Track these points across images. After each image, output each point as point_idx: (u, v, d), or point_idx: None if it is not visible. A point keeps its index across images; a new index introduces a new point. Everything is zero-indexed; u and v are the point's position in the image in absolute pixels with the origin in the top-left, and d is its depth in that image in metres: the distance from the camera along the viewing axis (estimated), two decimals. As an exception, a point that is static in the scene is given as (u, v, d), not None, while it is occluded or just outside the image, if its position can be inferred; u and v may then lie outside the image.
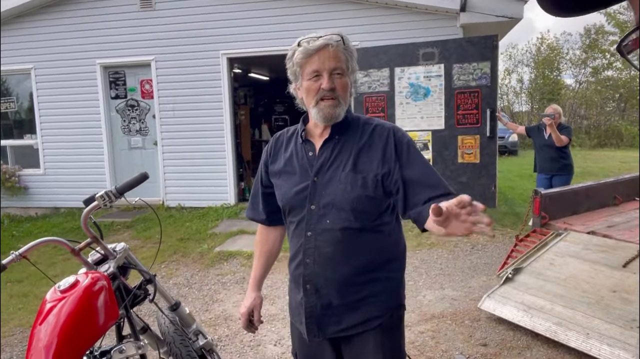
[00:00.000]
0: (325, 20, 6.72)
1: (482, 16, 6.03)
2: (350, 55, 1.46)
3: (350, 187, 1.45)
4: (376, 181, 1.44)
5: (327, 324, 1.52)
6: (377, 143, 1.48)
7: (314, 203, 1.49)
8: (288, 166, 1.56)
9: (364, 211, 1.46)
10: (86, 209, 1.96)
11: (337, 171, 1.48)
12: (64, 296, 1.79)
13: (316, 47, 1.42)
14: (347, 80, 1.45)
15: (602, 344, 2.88)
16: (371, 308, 1.50)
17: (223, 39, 7.01)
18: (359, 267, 1.49)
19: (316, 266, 1.49)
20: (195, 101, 7.20)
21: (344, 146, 1.50)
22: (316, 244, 1.49)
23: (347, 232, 1.46)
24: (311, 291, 1.51)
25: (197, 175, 7.32)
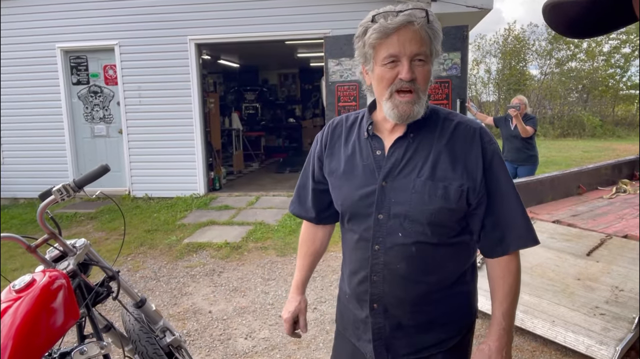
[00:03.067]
0: (297, 6, 6.61)
1: (453, 6, 6.04)
2: (435, 36, 1.20)
3: (428, 197, 1.23)
4: (461, 191, 1.22)
5: (398, 346, 1.36)
6: (461, 146, 1.25)
7: (382, 212, 1.27)
8: (349, 164, 1.34)
9: (443, 225, 1.26)
10: (42, 203, 1.85)
11: (410, 176, 1.25)
12: (19, 296, 1.69)
13: (396, 25, 1.16)
14: (430, 68, 1.21)
15: (567, 331, 2.95)
16: (445, 328, 1.35)
17: (191, 24, 6.80)
18: (433, 284, 1.31)
19: (386, 284, 1.31)
20: (163, 87, 6.98)
21: (419, 146, 1.27)
22: (385, 259, 1.29)
23: (422, 248, 1.27)
24: (379, 310, 1.34)
25: (164, 164, 7.13)
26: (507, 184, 1.26)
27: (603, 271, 3.35)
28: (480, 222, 1.27)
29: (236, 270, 4.48)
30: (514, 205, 1.26)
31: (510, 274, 1.28)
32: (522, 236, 1.26)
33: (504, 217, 1.26)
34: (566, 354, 2.92)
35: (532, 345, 3.06)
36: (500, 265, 1.29)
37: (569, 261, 3.55)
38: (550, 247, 3.76)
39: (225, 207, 6.49)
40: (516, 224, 1.26)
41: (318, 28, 6.58)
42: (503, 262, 1.28)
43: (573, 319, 3.01)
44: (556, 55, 20.86)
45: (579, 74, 20.47)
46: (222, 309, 3.71)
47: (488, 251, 1.30)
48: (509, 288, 1.28)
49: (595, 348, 2.79)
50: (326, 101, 6.57)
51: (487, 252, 1.30)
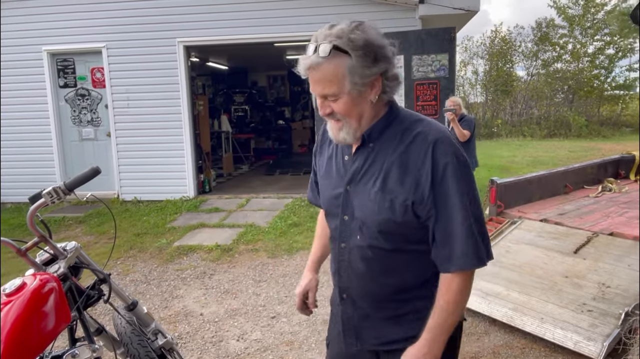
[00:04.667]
0: (285, 9, 6.62)
1: (441, 8, 6.10)
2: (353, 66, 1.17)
3: (377, 208, 1.27)
4: (405, 206, 1.24)
5: (366, 336, 1.42)
6: (414, 158, 1.24)
7: (346, 214, 1.35)
8: (328, 167, 1.43)
9: (393, 234, 1.29)
10: (32, 206, 1.84)
11: (368, 184, 1.30)
12: (10, 300, 1.67)
13: (305, 67, 1.19)
14: (348, 99, 1.20)
15: (555, 328, 2.99)
16: (414, 325, 1.34)
17: (180, 26, 6.78)
18: (393, 286, 1.35)
19: (351, 279, 1.38)
20: (151, 90, 6.95)
21: (377, 156, 1.30)
22: (349, 258, 1.37)
23: (377, 252, 1.32)
24: (348, 301, 1.41)
25: (154, 167, 7.09)
26: (457, 200, 1.21)
27: (590, 268, 3.41)
28: (432, 235, 1.26)
29: (227, 272, 4.47)
30: (460, 224, 1.22)
31: (448, 292, 1.26)
32: (464, 256, 1.22)
33: (450, 236, 1.23)
34: (555, 350, 2.95)
35: (521, 342, 3.10)
36: (444, 280, 1.28)
37: (556, 259, 3.61)
38: (538, 246, 3.81)
39: (215, 210, 6.47)
40: (459, 244, 1.22)
41: (308, 30, 6.58)
42: (447, 279, 1.27)
43: (561, 316, 3.06)
44: (542, 57, 21.11)
45: (565, 75, 20.72)
46: (213, 311, 3.70)
47: (438, 265, 1.28)
48: (444, 304, 1.26)
49: (583, 344, 2.83)
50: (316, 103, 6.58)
51: (438, 265, 1.29)
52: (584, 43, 20.47)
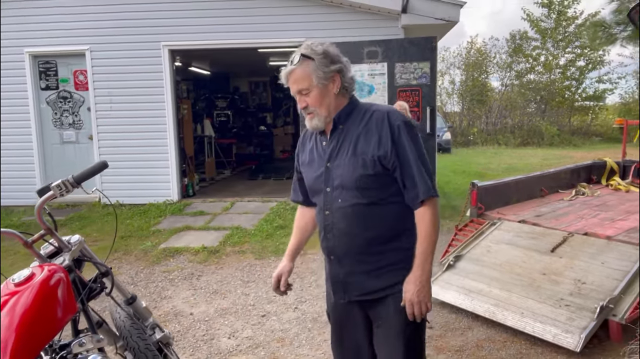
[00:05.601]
0: (270, 15, 6.72)
1: (422, 18, 6.30)
2: (316, 66, 1.65)
3: (352, 168, 1.67)
4: (374, 161, 1.65)
5: (352, 289, 1.77)
6: (374, 127, 1.68)
7: (328, 186, 1.74)
8: (310, 156, 1.82)
9: (368, 188, 1.67)
10: (40, 199, 1.88)
11: (342, 155, 1.71)
12: (19, 290, 1.71)
13: (285, 75, 1.71)
14: (316, 92, 1.67)
15: (535, 322, 3.14)
16: (391, 275, 1.71)
17: (165, 30, 6.81)
18: (372, 239, 1.70)
19: (335, 239, 1.74)
20: (135, 93, 6.93)
21: (347, 134, 1.72)
22: (333, 220, 1.73)
23: (357, 208, 1.69)
24: (335, 261, 1.78)
25: (137, 171, 7.06)
26: (412, 151, 1.64)
27: (566, 266, 3.58)
28: (401, 182, 1.67)
29: (215, 273, 4.51)
30: (416, 169, 1.64)
31: (424, 221, 1.66)
32: (425, 190, 1.64)
33: (413, 178, 1.64)
34: (535, 343, 3.10)
35: (502, 336, 3.24)
36: (418, 215, 1.68)
37: (534, 258, 3.77)
38: (517, 245, 3.98)
39: (200, 213, 6.48)
40: (419, 182, 1.64)
41: (293, 36, 6.68)
42: (419, 213, 1.67)
43: (540, 311, 3.21)
44: (516, 68, 21.73)
45: (537, 85, 21.36)
46: (203, 311, 3.74)
47: (410, 205, 1.68)
48: (425, 229, 1.66)
49: (562, 337, 2.99)
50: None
51: (410, 205, 1.69)
52: (555, 55, 21.15)
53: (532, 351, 3.05)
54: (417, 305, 1.66)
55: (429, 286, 1.68)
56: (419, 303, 1.66)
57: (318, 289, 4.12)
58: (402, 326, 1.72)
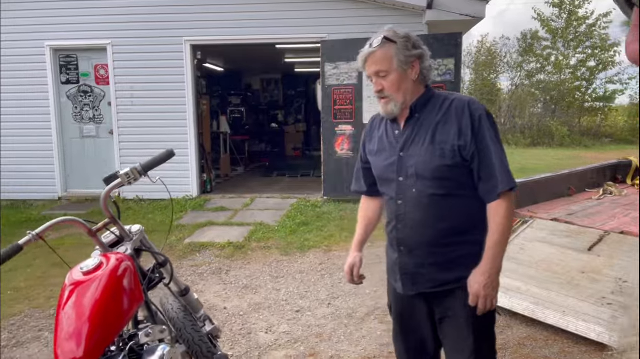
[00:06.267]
0: (293, 11, 6.70)
1: (448, 14, 6.26)
2: (398, 50, 1.62)
3: (430, 158, 1.63)
4: (453, 150, 1.61)
5: (422, 281, 1.73)
6: (454, 116, 1.63)
7: (401, 175, 1.70)
8: (380, 144, 1.79)
9: (445, 179, 1.64)
10: (107, 187, 1.87)
11: (418, 145, 1.67)
12: (89, 279, 1.69)
13: (364, 57, 1.67)
14: (395, 76, 1.64)
15: (578, 320, 3.10)
16: (462, 268, 1.66)
17: (187, 25, 6.79)
18: (446, 230, 1.67)
19: (407, 229, 1.70)
20: (156, 88, 6.92)
21: (424, 122, 1.68)
22: (406, 210, 1.70)
23: (433, 199, 1.65)
24: (405, 252, 1.73)
25: (157, 166, 7.03)
26: (492, 142, 1.61)
27: (605, 264, 3.54)
28: (477, 174, 1.63)
29: (243, 269, 4.49)
30: (498, 160, 1.60)
31: (498, 214, 1.61)
32: (504, 181, 1.60)
33: (492, 170, 1.60)
34: (578, 342, 3.06)
35: (544, 334, 3.20)
36: (493, 208, 1.63)
37: (571, 256, 3.73)
38: (553, 244, 3.93)
39: (221, 209, 6.46)
40: (499, 174, 1.60)
41: (315, 32, 6.68)
42: (494, 205, 1.62)
43: (582, 309, 3.17)
44: (526, 68, 21.63)
45: (548, 85, 21.26)
46: (236, 305, 3.72)
47: (485, 197, 1.64)
48: (500, 222, 1.61)
49: (607, 335, 2.95)
50: (322, 104, 6.66)
51: (485, 198, 1.65)
52: (566, 55, 21.02)
53: (575, 350, 3.01)
54: (482, 299, 1.62)
55: (498, 281, 1.65)
56: (484, 297, 1.62)
57: (348, 285, 4.07)
58: (471, 318, 1.69)
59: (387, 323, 3.39)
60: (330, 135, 6.61)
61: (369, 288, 4.02)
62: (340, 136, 6.57)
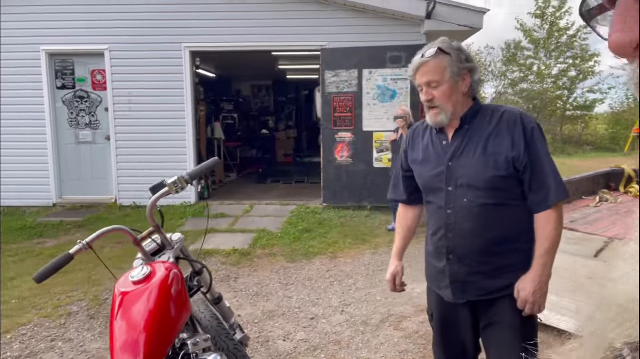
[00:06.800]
0: (293, 19, 6.74)
1: (446, 24, 6.37)
2: (452, 62, 1.65)
3: (482, 169, 1.66)
4: (507, 161, 1.63)
5: (472, 289, 1.75)
6: (506, 128, 1.66)
7: (450, 185, 1.72)
8: (425, 154, 1.80)
9: (498, 189, 1.67)
10: (154, 196, 1.86)
11: (469, 156, 1.69)
12: (140, 288, 1.68)
13: (416, 66, 1.68)
14: (447, 87, 1.66)
15: (590, 325, 3.18)
16: (510, 276, 1.70)
17: (187, 32, 6.78)
18: (495, 239, 1.69)
19: (457, 238, 1.72)
20: (155, 94, 6.88)
21: (473, 134, 1.70)
22: (456, 219, 1.71)
23: (484, 209, 1.68)
24: (454, 260, 1.75)
25: (154, 172, 6.95)
26: (545, 154, 1.65)
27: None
28: (528, 184, 1.65)
29: (251, 276, 4.48)
30: (550, 170, 1.65)
31: (549, 224, 1.65)
32: (558, 191, 1.65)
33: (544, 180, 1.64)
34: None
35: (557, 340, 3.27)
36: (543, 218, 1.66)
37: (579, 262, 3.82)
38: (561, 251, 4.02)
39: (221, 216, 6.43)
40: (552, 184, 1.64)
41: (315, 40, 6.73)
42: (545, 215, 1.65)
43: (594, 314, 3.25)
44: (510, 77, 22.08)
45: (531, 94, 21.72)
46: (250, 313, 3.71)
47: (535, 207, 1.67)
48: (550, 231, 1.65)
49: (619, 339, 3.03)
50: (322, 111, 6.71)
51: (534, 208, 1.67)
52: (548, 65, 21.52)
53: (589, 354, 3.09)
54: (530, 305, 1.66)
55: (547, 288, 1.69)
56: (533, 303, 1.66)
57: (359, 292, 4.12)
58: (519, 325, 1.72)
59: (402, 329, 3.43)
60: (330, 142, 6.65)
61: (380, 295, 4.05)
62: (340, 143, 6.62)
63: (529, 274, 1.67)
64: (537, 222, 1.69)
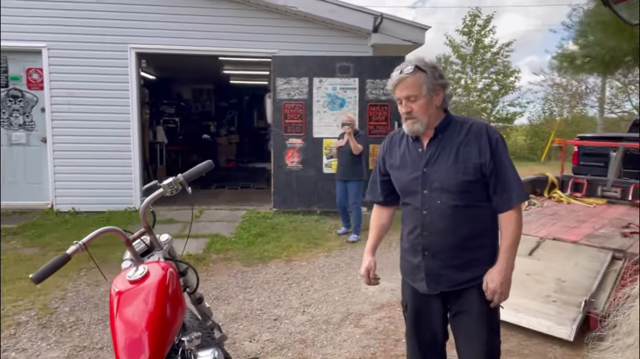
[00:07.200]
0: (244, 25, 6.78)
1: (392, 39, 6.71)
2: (427, 78, 1.85)
3: (454, 174, 1.87)
4: (475, 167, 1.85)
5: (444, 281, 1.95)
6: (474, 138, 1.88)
7: (425, 188, 1.92)
8: (402, 160, 1.99)
9: (467, 192, 1.87)
10: (148, 197, 1.89)
11: (442, 162, 1.89)
12: (138, 287, 1.71)
13: (395, 81, 1.88)
14: (423, 101, 1.86)
15: (529, 316, 3.53)
16: (477, 269, 1.92)
17: (133, 32, 6.61)
18: (466, 236, 1.90)
19: (432, 236, 1.92)
20: (98, 95, 6.62)
21: (446, 143, 1.91)
22: (431, 219, 1.91)
23: (455, 209, 1.88)
24: (429, 255, 1.95)
25: (96, 176, 6.70)
26: (507, 161, 1.88)
27: (546, 267, 4.04)
28: (493, 188, 1.88)
29: (208, 280, 4.47)
30: (513, 176, 1.88)
31: (512, 222, 1.89)
32: (519, 194, 1.89)
33: (507, 184, 1.86)
34: (531, 336, 3.47)
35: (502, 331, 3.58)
36: (506, 217, 1.89)
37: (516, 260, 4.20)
38: (500, 249, 4.40)
39: (171, 221, 6.31)
40: (514, 187, 1.87)
41: (266, 47, 6.82)
42: (507, 215, 1.89)
43: (533, 307, 3.61)
44: (440, 89, 23.29)
45: (458, 106, 23.05)
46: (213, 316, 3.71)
47: (499, 208, 1.90)
48: (513, 229, 1.88)
49: (555, 328, 3.40)
50: (272, 117, 6.80)
51: (499, 208, 1.90)
52: (474, 79, 22.95)
53: (530, 343, 3.42)
54: (498, 294, 1.89)
55: (511, 279, 1.93)
56: (500, 293, 1.90)
57: (317, 293, 4.25)
58: (485, 312, 1.95)
59: (362, 326, 3.61)
60: (281, 148, 6.75)
61: (337, 295, 4.21)
62: (290, 149, 6.74)
63: (495, 267, 1.89)
64: (501, 221, 1.92)
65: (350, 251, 5.50)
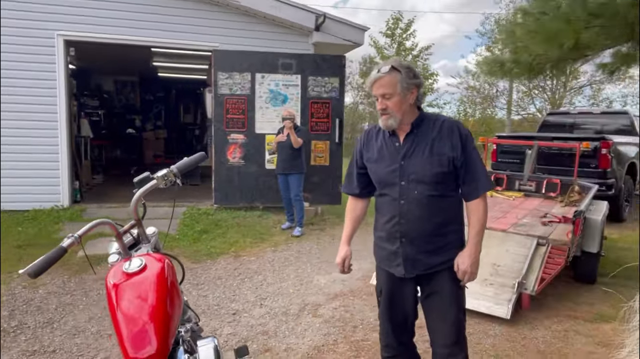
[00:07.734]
0: (182, 16, 6.61)
1: (332, 38, 6.89)
2: (402, 78, 1.99)
3: (429, 166, 2.04)
4: (449, 160, 2.03)
5: (419, 265, 2.12)
6: (446, 134, 2.06)
7: (403, 179, 2.07)
8: (379, 154, 2.14)
9: (441, 183, 2.05)
10: (141, 189, 1.87)
11: (418, 156, 2.06)
12: (137, 280, 1.70)
13: (372, 80, 2.03)
14: (398, 99, 2.00)
15: (469, 298, 3.80)
16: (448, 253, 2.11)
17: (60, 19, 6.17)
18: (439, 223, 2.09)
19: (409, 224, 2.09)
20: (21, 85, 6.11)
21: (421, 138, 2.08)
22: (409, 208, 2.07)
23: (430, 199, 2.05)
24: (406, 242, 2.11)
25: (18, 173, 6.19)
26: (475, 154, 2.08)
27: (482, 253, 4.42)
28: (462, 178, 2.07)
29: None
30: (480, 168, 2.09)
31: (479, 210, 2.10)
32: (485, 185, 2.10)
33: (475, 175, 2.06)
34: (472, 316, 3.78)
35: (447, 313, 3.87)
36: (473, 205, 2.10)
37: (456, 248, 4.56)
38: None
39: (106, 219, 6.00)
40: (481, 178, 2.08)
41: (206, 41, 6.69)
42: (475, 203, 2.10)
43: (472, 289, 3.92)
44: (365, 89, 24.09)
45: (383, 105, 24.00)
46: (168, 314, 3.64)
47: (468, 196, 2.10)
48: (480, 216, 2.10)
49: (494, 308, 3.75)
50: (213, 112, 6.70)
51: (467, 197, 2.11)
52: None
53: (471, 322, 3.73)
54: (469, 274, 2.11)
55: (479, 261, 2.14)
56: (470, 274, 2.11)
57: (271, 286, 4.31)
58: (455, 292, 2.15)
59: (320, 316, 3.73)
60: (222, 143, 6.67)
61: (291, 288, 4.30)
62: (232, 144, 6.68)
63: (465, 250, 2.10)
64: (468, 209, 2.12)
65: (296, 245, 5.60)
